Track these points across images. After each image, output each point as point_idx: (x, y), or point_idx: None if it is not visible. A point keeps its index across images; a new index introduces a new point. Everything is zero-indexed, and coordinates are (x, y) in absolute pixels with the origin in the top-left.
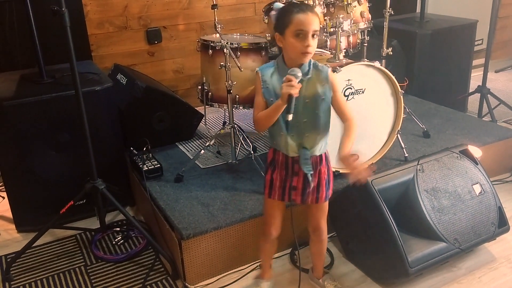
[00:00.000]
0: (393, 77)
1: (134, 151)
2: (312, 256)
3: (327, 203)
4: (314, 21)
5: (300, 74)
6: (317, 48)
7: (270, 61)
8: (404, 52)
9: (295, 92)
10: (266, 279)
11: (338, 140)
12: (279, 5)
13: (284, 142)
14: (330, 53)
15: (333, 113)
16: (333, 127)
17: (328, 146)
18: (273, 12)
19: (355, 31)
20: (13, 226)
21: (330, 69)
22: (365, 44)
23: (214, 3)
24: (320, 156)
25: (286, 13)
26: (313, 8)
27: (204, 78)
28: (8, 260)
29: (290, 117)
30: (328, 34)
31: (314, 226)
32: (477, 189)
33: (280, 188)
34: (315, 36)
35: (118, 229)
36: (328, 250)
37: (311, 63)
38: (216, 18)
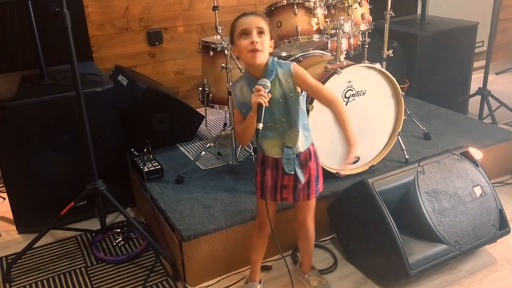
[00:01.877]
0: (394, 79)
1: (135, 152)
2: (300, 252)
3: (315, 199)
4: (255, 19)
5: (269, 84)
6: (318, 50)
7: None
8: (404, 54)
9: (263, 101)
10: (257, 281)
11: (335, 140)
12: None
13: (269, 146)
14: (330, 54)
15: (323, 111)
16: (327, 126)
17: (329, 144)
18: None
19: (356, 33)
20: (14, 227)
21: (292, 64)
22: (366, 46)
23: (215, 4)
24: (309, 152)
25: (232, 23)
26: (256, 13)
27: (205, 80)
28: (9, 261)
29: (260, 125)
30: (329, 36)
31: (300, 222)
32: (477, 191)
33: (272, 188)
34: (262, 34)
35: (119, 230)
36: (330, 252)
37: (274, 63)
38: (217, 19)
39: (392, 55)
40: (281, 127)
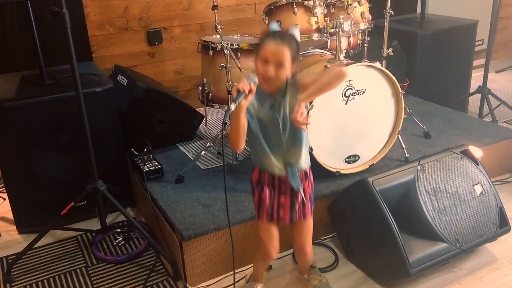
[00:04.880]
0: (394, 78)
1: (135, 152)
2: (297, 260)
3: (312, 221)
4: (279, 52)
5: (256, 80)
6: (318, 48)
7: None
8: (404, 53)
9: (243, 88)
10: (260, 281)
11: (335, 139)
12: (272, 27)
13: (270, 162)
14: (330, 53)
15: (323, 110)
16: (327, 125)
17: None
18: None
19: (356, 32)
20: (14, 227)
21: (297, 78)
22: (365, 45)
23: (215, 4)
24: (305, 171)
25: (263, 38)
26: (286, 39)
27: (205, 79)
28: (9, 261)
29: (233, 106)
30: (328, 35)
31: (299, 247)
32: (478, 189)
33: (269, 207)
34: (281, 67)
35: (119, 230)
36: (332, 250)
37: (287, 84)
38: (216, 19)
39: (392, 53)
40: (285, 145)
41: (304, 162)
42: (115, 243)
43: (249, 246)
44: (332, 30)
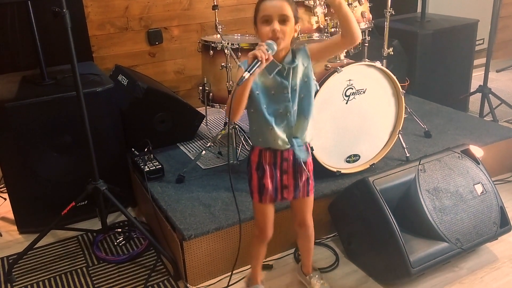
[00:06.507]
0: (394, 77)
1: (136, 152)
2: (300, 252)
3: (312, 197)
4: (279, 6)
5: (275, 47)
6: None
7: None
8: (405, 52)
9: (261, 56)
10: (260, 283)
11: (336, 139)
12: None
13: (274, 136)
14: None
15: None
16: (328, 124)
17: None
18: None
19: None
20: (15, 227)
21: (306, 46)
22: (366, 44)
23: (215, 3)
24: (306, 147)
25: (257, 4)
26: None
27: (205, 79)
28: (10, 261)
29: (247, 74)
30: (329, 35)
31: (300, 221)
32: (478, 189)
33: (272, 192)
34: (285, 21)
35: (120, 230)
36: (332, 249)
37: (293, 50)
38: (217, 18)
39: (393, 53)
40: (292, 116)
41: (309, 135)
42: (116, 243)
43: (250, 246)
44: (332, 30)
